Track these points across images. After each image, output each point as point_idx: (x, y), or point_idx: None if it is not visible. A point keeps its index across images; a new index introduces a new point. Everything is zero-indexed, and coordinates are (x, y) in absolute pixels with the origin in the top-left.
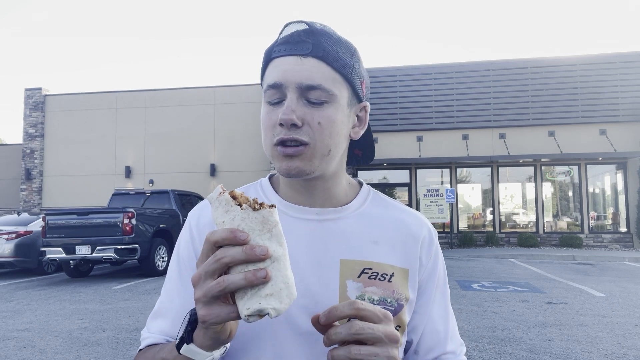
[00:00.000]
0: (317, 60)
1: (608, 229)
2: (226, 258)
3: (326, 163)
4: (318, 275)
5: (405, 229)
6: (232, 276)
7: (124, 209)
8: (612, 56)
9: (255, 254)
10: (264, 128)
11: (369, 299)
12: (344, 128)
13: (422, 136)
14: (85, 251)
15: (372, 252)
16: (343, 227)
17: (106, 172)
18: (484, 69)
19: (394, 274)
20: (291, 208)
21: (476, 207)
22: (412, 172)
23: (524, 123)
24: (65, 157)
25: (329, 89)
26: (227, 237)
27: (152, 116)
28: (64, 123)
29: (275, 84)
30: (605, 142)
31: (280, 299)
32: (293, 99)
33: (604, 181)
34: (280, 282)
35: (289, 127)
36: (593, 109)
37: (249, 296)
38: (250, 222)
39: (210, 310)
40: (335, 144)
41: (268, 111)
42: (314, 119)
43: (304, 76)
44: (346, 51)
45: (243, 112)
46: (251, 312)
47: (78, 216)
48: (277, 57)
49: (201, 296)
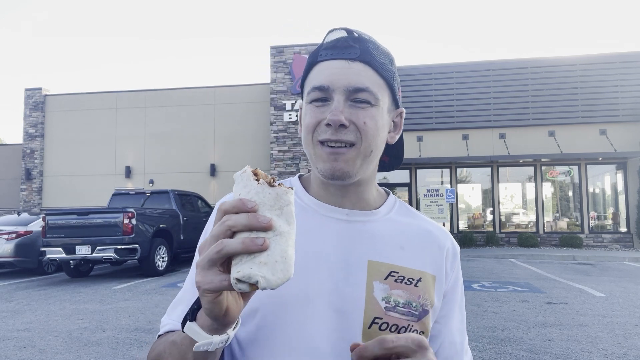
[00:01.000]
0: (364, 65)
1: (608, 229)
2: (229, 221)
3: (366, 165)
4: (346, 273)
5: (431, 239)
6: (231, 240)
7: (124, 209)
8: (612, 56)
9: (258, 220)
10: (305, 127)
11: (394, 301)
12: (384, 132)
13: (422, 136)
14: (86, 251)
15: (399, 257)
16: (372, 230)
17: (106, 172)
18: (484, 69)
19: (421, 279)
20: (322, 207)
21: (476, 207)
22: (412, 172)
23: (524, 123)
24: (65, 157)
25: (375, 92)
26: (236, 205)
27: (152, 116)
28: (64, 123)
29: (322, 86)
30: (605, 142)
31: (274, 270)
32: (340, 100)
33: (604, 181)
34: (277, 255)
35: (336, 127)
36: (593, 109)
37: (244, 262)
38: (263, 196)
39: (205, 275)
40: (376, 146)
41: (311, 110)
42: (359, 119)
43: (352, 79)
44: (387, 59)
45: (243, 112)
46: (240, 275)
47: (78, 216)
48: (324, 60)
49: (201, 260)
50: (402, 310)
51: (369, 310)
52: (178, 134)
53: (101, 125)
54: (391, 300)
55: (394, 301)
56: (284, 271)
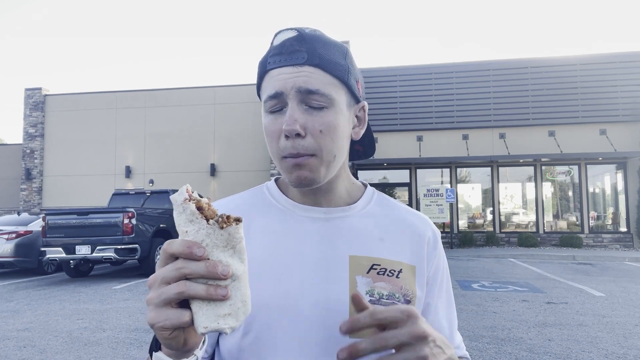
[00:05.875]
0: (313, 68)
1: (608, 229)
2: (186, 269)
3: (332, 169)
4: (326, 271)
5: (411, 228)
6: (194, 283)
7: (124, 208)
8: (612, 56)
9: (217, 272)
10: (268, 138)
11: (378, 293)
12: (346, 131)
13: (422, 136)
14: (85, 251)
15: (379, 249)
16: (350, 225)
17: (106, 172)
18: (484, 68)
19: (402, 270)
20: (300, 208)
21: (476, 207)
22: (412, 172)
23: (524, 123)
24: (65, 157)
25: (327, 94)
26: (184, 252)
27: (151, 116)
28: (64, 123)
29: (276, 93)
30: (605, 142)
31: (237, 317)
32: (294, 106)
33: (604, 181)
34: (238, 302)
35: (293, 137)
36: (593, 109)
37: (206, 312)
38: (215, 239)
39: (159, 313)
40: (338, 149)
41: (270, 121)
42: (315, 127)
43: (302, 81)
44: (339, 54)
45: (243, 112)
46: (208, 330)
47: (78, 216)
48: (273, 68)
49: (154, 297)
50: (386, 302)
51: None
52: (178, 133)
53: (101, 125)
54: (375, 293)
55: (378, 294)
56: (245, 312)
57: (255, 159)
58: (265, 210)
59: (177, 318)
